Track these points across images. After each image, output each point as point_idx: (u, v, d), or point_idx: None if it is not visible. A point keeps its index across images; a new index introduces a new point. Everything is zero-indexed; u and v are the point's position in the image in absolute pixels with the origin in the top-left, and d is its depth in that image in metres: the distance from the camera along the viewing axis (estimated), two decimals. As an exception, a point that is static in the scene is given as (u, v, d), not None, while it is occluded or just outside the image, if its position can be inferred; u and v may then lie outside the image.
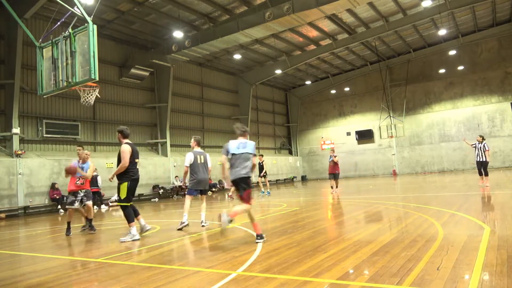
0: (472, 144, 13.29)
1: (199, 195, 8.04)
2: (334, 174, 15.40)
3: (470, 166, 26.85)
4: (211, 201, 16.26)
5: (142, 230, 7.06)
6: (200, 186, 7.92)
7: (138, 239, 6.67)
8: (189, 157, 7.83)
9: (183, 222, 7.63)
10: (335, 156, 15.67)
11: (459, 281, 3.31)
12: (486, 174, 12.83)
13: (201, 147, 8.51)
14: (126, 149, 6.72)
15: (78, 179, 8.07)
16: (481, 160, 12.95)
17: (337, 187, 15.28)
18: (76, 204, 8.04)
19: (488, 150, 12.90)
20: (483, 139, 13.02)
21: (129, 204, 6.81)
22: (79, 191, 8.08)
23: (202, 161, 8.01)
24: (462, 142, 26.44)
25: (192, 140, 8.22)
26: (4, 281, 4.46)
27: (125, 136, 6.96)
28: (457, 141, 27.94)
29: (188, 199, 7.91)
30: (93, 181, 12.61)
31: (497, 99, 26.77)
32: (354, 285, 3.41)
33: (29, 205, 15.36)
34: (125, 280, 4.13)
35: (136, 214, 7.03)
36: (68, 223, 8.09)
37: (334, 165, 15.44)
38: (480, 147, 12.91)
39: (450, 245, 4.62)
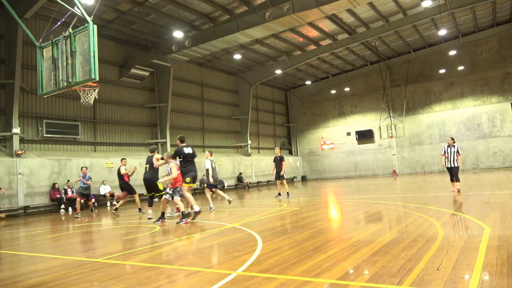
0: (444, 154, 11.80)
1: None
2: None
3: (470, 166, 26.88)
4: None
5: None
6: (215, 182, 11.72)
7: None
8: (207, 163, 11.46)
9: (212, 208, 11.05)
10: None
11: (459, 281, 3.31)
12: (458, 180, 11.49)
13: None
14: None
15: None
16: (451, 166, 11.57)
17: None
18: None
19: (460, 155, 11.59)
20: (454, 141, 11.82)
21: None
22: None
23: (214, 166, 11.64)
24: (461, 142, 26.48)
25: (207, 152, 11.99)
26: (4, 281, 4.46)
27: None
28: (457, 141, 27.92)
29: (208, 191, 11.56)
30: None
31: (497, 99, 26.76)
32: (354, 285, 3.41)
33: (29, 205, 15.35)
34: (125, 280, 4.13)
35: None
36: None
37: None
38: (453, 151, 11.57)
39: (450, 245, 4.63)
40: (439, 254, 4.23)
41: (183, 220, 8.51)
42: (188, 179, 8.87)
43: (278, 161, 14.10)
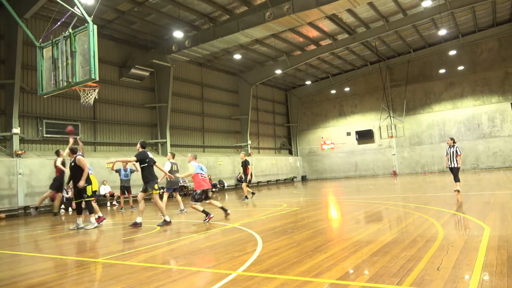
0: (446, 155, 11.66)
1: (173, 192, 11.42)
2: None
3: (470, 166, 26.87)
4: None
5: None
6: (174, 186, 11.05)
7: None
8: (167, 165, 10.56)
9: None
10: None
11: (459, 281, 3.31)
12: (457, 180, 11.28)
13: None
14: None
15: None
16: (451, 166, 11.49)
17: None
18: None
19: (460, 155, 11.39)
20: (454, 142, 11.66)
21: None
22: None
23: (175, 168, 10.86)
24: (461, 142, 26.47)
25: (169, 154, 11.41)
26: (4, 281, 4.46)
27: None
28: (457, 141, 27.93)
29: (166, 195, 10.74)
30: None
31: (497, 99, 26.76)
32: (354, 285, 3.41)
33: (29, 205, 15.34)
34: (125, 280, 4.13)
35: None
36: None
37: None
38: (452, 152, 11.44)
39: (450, 245, 4.63)
40: (439, 254, 4.23)
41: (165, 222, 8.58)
42: (156, 186, 8.57)
43: (244, 166, 14.62)
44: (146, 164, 8.54)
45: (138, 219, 8.65)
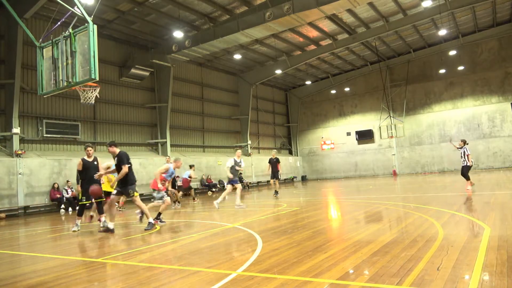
0: (458, 148, 12.93)
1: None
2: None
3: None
4: (210, 201, 16.24)
5: None
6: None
7: None
8: (230, 161, 12.17)
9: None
10: None
11: (459, 281, 3.31)
12: (466, 179, 12.43)
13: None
14: None
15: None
16: (462, 164, 12.66)
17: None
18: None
19: (468, 155, 12.48)
20: (465, 143, 12.71)
21: None
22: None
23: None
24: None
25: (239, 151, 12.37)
26: (4, 281, 4.46)
27: None
28: (457, 141, 27.91)
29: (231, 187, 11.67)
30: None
31: (497, 99, 26.75)
32: (354, 285, 3.41)
33: (29, 205, 15.35)
34: (125, 280, 4.13)
35: None
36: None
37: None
38: (461, 152, 12.63)
39: (450, 245, 4.63)
40: (439, 254, 4.23)
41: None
42: (135, 188, 8.10)
43: (275, 163, 16.33)
44: (130, 165, 7.90)
45: (111, 225, 7.87)
